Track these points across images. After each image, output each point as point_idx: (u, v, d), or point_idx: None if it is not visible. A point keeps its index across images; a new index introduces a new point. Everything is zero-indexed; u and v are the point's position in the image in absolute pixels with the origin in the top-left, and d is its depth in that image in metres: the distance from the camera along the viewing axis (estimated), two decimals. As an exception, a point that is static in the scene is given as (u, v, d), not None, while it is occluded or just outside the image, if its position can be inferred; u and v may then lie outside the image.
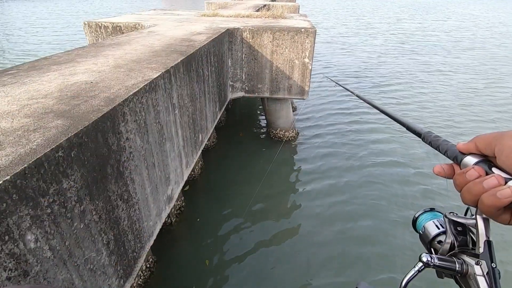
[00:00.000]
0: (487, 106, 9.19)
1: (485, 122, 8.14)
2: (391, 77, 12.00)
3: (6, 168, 1.20)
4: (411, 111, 8.84)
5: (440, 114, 8.53)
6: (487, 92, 10.39)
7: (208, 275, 3.78)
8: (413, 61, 14.55)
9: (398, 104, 9.45)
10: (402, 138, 7.08)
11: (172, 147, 2.89)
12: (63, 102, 1.84)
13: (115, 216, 1.92)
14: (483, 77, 12.02)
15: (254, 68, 5.74)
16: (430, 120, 8.17)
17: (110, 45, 3.47)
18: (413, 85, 11.02)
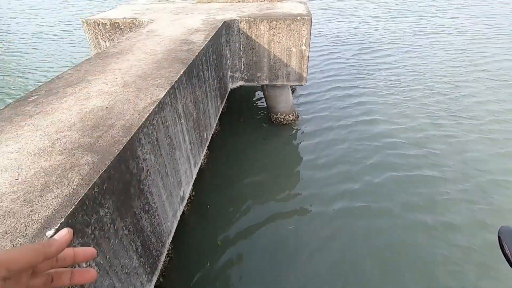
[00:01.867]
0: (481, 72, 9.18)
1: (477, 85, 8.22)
2: (382, 42, 12.00)
3: (59, 210, 1.52)
4: (402, 75, 8.92)
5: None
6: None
7: (221, 253, 4.27)
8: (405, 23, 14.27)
9: (389, 68, 9.51)
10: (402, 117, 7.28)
11: (181, 153, 3.19)
12: (87, 134, 2.12)
13: (140, 226, 2.28)
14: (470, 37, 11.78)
15: (252, 57, 5.85)
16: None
17: (114, 55, 3.65)
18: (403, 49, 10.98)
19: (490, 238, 4.27)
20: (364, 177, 5.49)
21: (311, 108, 7.92)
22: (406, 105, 7.83)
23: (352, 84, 9.16)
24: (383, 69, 10.17)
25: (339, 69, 10.31)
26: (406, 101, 8.04)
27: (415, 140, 6.46)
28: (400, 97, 8.22)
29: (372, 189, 5.22)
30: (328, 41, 13.04)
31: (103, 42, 5.82)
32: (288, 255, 4.20)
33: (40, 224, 1.44)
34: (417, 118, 7.26)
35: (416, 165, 5.75)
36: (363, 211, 4.82)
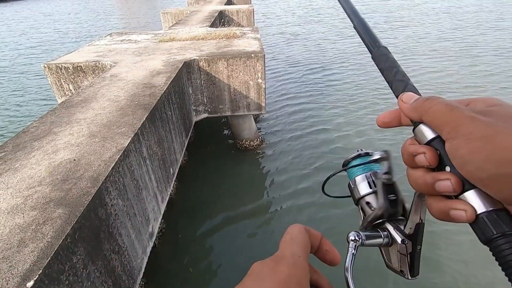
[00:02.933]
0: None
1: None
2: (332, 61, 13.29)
3: (36, 262, 1.75)
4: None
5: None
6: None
7: (193, 279, 4.47)
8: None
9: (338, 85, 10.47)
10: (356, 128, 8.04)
11: (147, 193, 3.45)
12: (57, 187, 2.36)
13: (111, 267, 2.50)
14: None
15: (213, 91, 6.29)
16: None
17: (79, 104, 3.89)
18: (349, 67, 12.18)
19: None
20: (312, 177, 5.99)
21: (274, 131, 8.47)
22: (352, 115, 8.70)
23: (307, 101, 10.09)
24: (332, 85, 11.34)
25: (295, 87, 11.31)
26: (351, 112, 8.94)
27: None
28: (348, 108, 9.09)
29: (315, 188, 5.72)
30: (284, 64, 14.15)
31: (66, 85, 5.98)
32: (252, 255, 4.49)
33: (20, 278, 1.67)
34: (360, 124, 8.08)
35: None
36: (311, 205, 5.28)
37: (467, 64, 12.33)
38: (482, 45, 14.54)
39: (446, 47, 14.82)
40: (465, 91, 10.15)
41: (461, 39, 15.83)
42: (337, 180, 0.62)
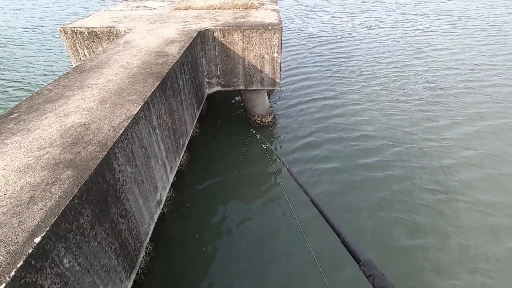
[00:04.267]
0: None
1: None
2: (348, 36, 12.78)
3: (44, 220, 1.81)
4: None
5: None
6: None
7: (200, 246, 4.63)
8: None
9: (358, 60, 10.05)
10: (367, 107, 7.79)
11: (156, 161, 3.48)
12: (67, 150, 2.40)
13: (118, 230, 2.58)
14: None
15: (227, 64, 6.14)
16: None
17: (91, 69, 3.88)
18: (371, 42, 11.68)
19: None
20: (325, 160, 5.95)
21: (287, 108, 8.31)
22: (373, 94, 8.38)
23: (323, 77, 9.81)
24: (350, 61, 11.00)
25: (311, 63, 11.02)
26: (369, 88, 8.59)
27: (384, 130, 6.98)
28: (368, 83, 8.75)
29: (326, 171, 5.67)
30: (300, 37, 13.79)
31: (81, 50, 5.97)
32: (263, 242, 4.61)
33: (28, 233, 1.73)
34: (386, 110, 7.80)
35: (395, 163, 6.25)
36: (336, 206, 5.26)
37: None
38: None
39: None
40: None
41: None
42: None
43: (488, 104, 8.31)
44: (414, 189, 5.59)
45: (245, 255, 4.52)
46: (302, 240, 4.55)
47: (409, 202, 5.33)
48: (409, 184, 5.71)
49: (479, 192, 5.50)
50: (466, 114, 7.87)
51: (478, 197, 5.39)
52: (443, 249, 4.53)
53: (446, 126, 7.44)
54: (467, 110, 8.05)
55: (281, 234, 4.82)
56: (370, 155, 6.49)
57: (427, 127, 7.42)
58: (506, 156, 6.34)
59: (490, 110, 8.00)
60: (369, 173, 5.98)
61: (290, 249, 4.58)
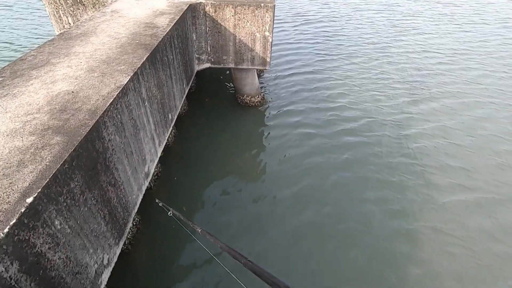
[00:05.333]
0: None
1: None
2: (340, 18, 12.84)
3: (35, 182, 1.84)
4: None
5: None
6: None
7: (186, 217, 4.74)
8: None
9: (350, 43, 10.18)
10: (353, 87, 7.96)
11: (145, 134, 3.50)
12: (55, 117, 2.38)
13: (107, 197, 2.63)
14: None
15: (218, 40, 6.05)
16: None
17: (77, 37, 3.76)
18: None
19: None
20: (311, 141, 6.14)
21: (277, 88, 8.34)
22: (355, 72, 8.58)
23: (314, 59, 9.90)
24: (343, 42, 11.16)
25: (302, 43, 10.97)
26: (360, 70, 8.79)
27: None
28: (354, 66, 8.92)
29: (312, 152, 5.87)
30: (291, 16, 13.63)
31: (65, 18, 5.71)
32: (244, 207, 4.86)
33: (20, 194, 1.76)
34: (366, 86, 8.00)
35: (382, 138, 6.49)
36: (324, 186, 5.47)
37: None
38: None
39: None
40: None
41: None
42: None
43: (458, 84, 9.01)
44: (379, 152, 6.26)
45: (230, 224, 4.68)
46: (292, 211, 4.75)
47: (374, 162, 5.98)
48: (376, 148, 6.36)
49: (433, 156, 6.23)
50: (435, 93, 8.56)
51: (431, 160, 6.08)
52: (402, 199, 5.24)
53: (414, 101, 8.18)
54: (437, 89, 8.71)
55: (264, 206, 5.01)
56: (344, 123, 7.10)
57: (398, 102, 8.08)
58: (465, 129, 7.12)
59: (459, 90, 8.71)
60: (342, 138, 6.64)
61: (276, 211, 4.77)
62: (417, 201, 5.23)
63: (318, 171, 5.77)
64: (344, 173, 5.72)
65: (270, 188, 5.38)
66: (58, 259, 1.97)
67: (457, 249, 4.49)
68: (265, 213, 4.94)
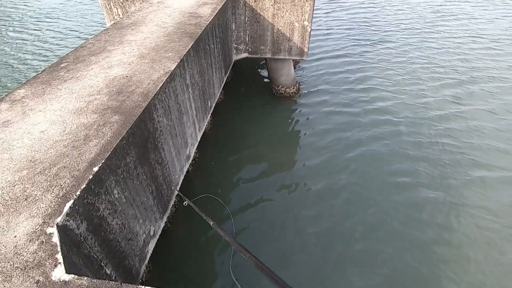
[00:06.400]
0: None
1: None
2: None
3: (99, 154, 2.07)
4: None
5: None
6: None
7: (221, 199, 4.98)
8: None
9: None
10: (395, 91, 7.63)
11: (188, 118, 3.70)
12: (113, 98, 2.62)
13: (155, 174, 2.86)
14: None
15: (256, 30, 6.12)
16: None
17: (129, 26, 4.03)
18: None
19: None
20: (347, 134, 6.03)
21: (312, 80, 8.26)
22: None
23: (353, 51, 9.59)
24: (386, 35, 10.65)
25: (342, 34, 10.69)
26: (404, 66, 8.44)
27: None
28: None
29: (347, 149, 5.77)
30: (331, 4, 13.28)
31: (115, 9, 6.10)
32: (275, 195, 4.96)
33: (87, 163, 2.00)
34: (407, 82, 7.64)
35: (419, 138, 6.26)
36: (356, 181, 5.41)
37: None
38: None
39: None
40: None
41: None
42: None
43: (499, 70, 8.61)
44: (405, 131, 6.51)
45: (260, 207, 4.83)
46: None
47: (403, 138, 6.29)
48: (402, 127, 6.58)
49: (462, 136, 6.31)
50: (472, 77, 8.35)
51: (459, 140, 6.25)
52: (431, 173, 5.42)
53: (449, 84, 8.10)
54: (475, 73, 8.46)
55: (294, 196, 5.08)
56: (374, 103, 7.29)
57: (428, 86, 8.03)
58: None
59: (499, 75, 8.40)
60: (372, 116, 6.84)
61: (301, 205, 4.83)
62: (445, 175, 5.44)
63: (356, 164, 5.69)
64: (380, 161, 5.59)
65: (300, 176, 5.44)
66: (115, 224, 2.21)
67: (483, 221, 4.68)
68: (295, 200, 5.02)
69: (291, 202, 4.99)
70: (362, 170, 5.55)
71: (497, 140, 6.24)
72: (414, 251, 4.26)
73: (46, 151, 2.06)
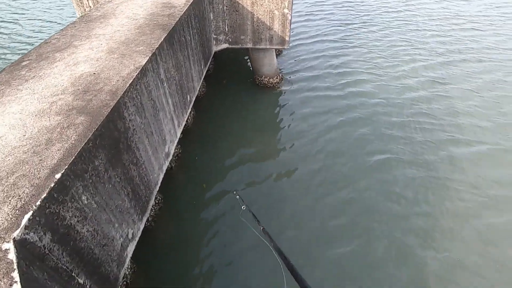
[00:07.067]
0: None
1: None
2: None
3: (63, 159, 1.94)
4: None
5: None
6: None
7: (206, 193, 4.92)
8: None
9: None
10: (376, 74, 7.63)
11: (164, 115, 3.56)
12: (79, 97, 2.47)
13: (130, 176, 2.74)
14: None
15: (236, 19, 5.93)
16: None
17: (97, 19, 3.81)
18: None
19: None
20: (329, 121, 6.03)
21: (295, 69, 8.15)
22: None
23: (336, 39, 9.54)
24: (368, 24, 10.57)
25: (324, 22, 10.61)
26: (385, 56, 8.42)
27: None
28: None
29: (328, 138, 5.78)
30: None
31: (86, 1, 5.79)
32: (266, 184, 4.95)
33: (49, 170, 1.87)
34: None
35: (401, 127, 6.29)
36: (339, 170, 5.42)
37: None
38: None
39: None
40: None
41: None
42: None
43: (477, 50, 8.49)
44: (385, 111, 6.65)
45: (251, 198, 4.79)
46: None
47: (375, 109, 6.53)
48: (382, 108, 6.73)
49: (442, 115, 6.07)
50: (452, 57, 8.62)
51: (439, 118, 5.83)
52: (413, 151, 5.58)
53: (425, 66, 8.30)
54: (455, 55, 8.47)
55: (279, 182, 5.07)
56: (355, 85, 7.41)
57: (409, 67, 8.22)
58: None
59: (477, 56, 8.56)
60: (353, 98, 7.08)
61: (293, 194, 4.82)
62: (424, 152, 5.61)
63: (335, 144, 5.71)
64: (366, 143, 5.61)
65: (284, 162, 5.46)
66: (86, 232, 2.10)
67: (462, 193, 4.87)
68: (284, 185, 5.03)
69: (276, 188, 5.00)
70: (341, 150, 5.64)
71: (476, 117, 6.46)
72: (390, 223, 4.40)
73: (3, 159, 1.91)
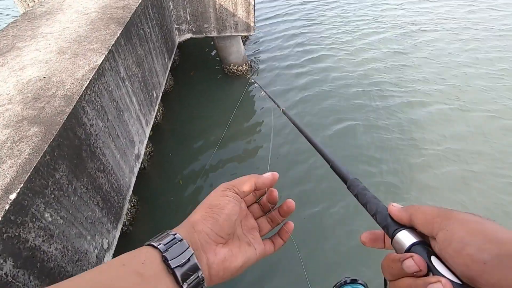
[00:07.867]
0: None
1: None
2: None
3: (16, 177, 1.77)
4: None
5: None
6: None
7: (183, 189, 4.83)
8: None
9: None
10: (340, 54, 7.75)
11: (130, 115, 3.37)
12: (29, 106, 2.25)
13: (98, 184, 2.59)
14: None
15: (197, 7, 5.68)
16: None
17: (43, 16, 3.47)
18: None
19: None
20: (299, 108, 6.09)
21: (264, 55, 8.06)
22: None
23: (302, 23, 9.45)
24: (332, 5, 10.60)
25: (288, 5, 10.39)
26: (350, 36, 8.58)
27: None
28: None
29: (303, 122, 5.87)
30: None
31: (28, -5, 5.26)
32: (234, 170, 4.88)
33: (2, 191, 1.70)
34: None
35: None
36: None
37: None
38: None
39: None
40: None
41: None
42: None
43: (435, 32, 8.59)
44: (349, 83, 6.99)
45: (227, 179, 4.78)
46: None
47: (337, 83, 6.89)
48: (339, 71, 7.26)
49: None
50: (410, 44, 8.46)
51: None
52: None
53: (388, 38, 8.71)
54: (412, 42, 8.64)
55: (254, 160, 5.10)
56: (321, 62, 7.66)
57: (372, 39, 8.65)
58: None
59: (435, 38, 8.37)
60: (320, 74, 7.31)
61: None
62: (390, 117, 6.00)
63: (303, 122, 5.77)
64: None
65: (258, 141, 5.53)
66: (54, 250, 1.96)
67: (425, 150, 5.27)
68: (256, 163, 5.09)
69: (249, 166, 5.06)
70: (308, 122, 5.92)
71: (431, 81, 6.95)
72: (362, 182, 4.61)
73: None
